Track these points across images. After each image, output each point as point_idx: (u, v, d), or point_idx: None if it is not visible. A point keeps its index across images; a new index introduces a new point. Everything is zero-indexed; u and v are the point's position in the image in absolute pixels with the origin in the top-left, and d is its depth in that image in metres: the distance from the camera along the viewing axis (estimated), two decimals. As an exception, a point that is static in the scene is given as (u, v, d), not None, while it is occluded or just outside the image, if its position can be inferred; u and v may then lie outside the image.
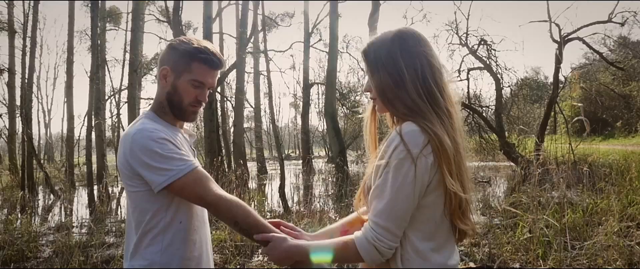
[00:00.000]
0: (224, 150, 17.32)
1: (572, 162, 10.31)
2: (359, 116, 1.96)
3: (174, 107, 1.96)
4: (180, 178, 1.77)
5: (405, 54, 1.62)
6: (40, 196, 14.79)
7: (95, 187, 13.48)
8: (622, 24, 17.77)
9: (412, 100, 1.59)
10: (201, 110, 2.05)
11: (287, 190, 11.33)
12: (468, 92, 19.84)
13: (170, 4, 16.47)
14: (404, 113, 1.60)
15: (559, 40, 17.72)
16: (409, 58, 1.61)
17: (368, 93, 1.74)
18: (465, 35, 19.44)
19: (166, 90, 1.96)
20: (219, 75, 2.06)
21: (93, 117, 14.23)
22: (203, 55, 1.91)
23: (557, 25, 17.93)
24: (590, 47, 18.37)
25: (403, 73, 1.60)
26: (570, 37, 17.65)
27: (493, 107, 19.69)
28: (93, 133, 15.12)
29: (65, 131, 25.50)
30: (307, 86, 23.50)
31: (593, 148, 16.90)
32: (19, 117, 19.20)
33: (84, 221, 9.85)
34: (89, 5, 22.58)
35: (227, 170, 14.20)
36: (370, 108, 1.83)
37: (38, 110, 42.22)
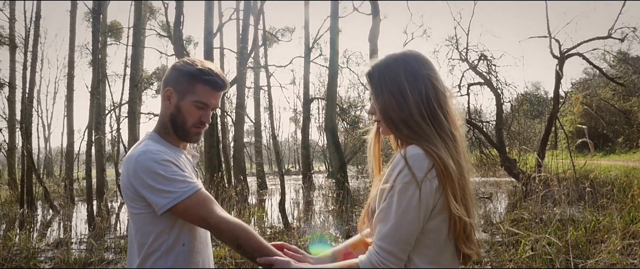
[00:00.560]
0: (224, 165, 17.29)
1: (574, 178, 10.28)
2: (364, 137, 1.95)
3: (177, 128, 1.96)
4: (183, 200, 1.77)
5: (410, 77, 1.62)
6: (39, 211, 14.73)
7: (95, 202, 13.43)
8: (622, 40, 17.81)
9: (416, 122, 1.59)
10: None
11: (287, 205, 11.27)
12: (468, 107, 19.85)
13: (172, 19, 16.56)
14: (408, 135, 1.60)
15: (559, 55, 17.75)
16: (413, 81, 1.62)
17: (372, 115, 1.74)
18: (465, 50, 19.49)
19: (170, 111, 1.96)
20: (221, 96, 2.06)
21: (93, 131, 14.22)
22: (207, 76, 1.92)
23: (557, 40, 17.96)
24: (591, 63, 18.40)
25: (407, 96, 1.60)
26: (570, 52, 17.67)
27: (493, 122, 19.68)
28: (93, 148, 15.10)
29: (65, 145, 25.50)
30: (307, 101, 23.52)
31: (594, 164, 16.86)
32: (19, 131, 19.19)
33: (83, 237, 9.80)
34: (90, 20, 22.73)
35: (227, 185, 14.15)
36: (374, 130, 1.83)
37: (38, 124, 42.28)
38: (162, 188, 1.75)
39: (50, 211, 14.41)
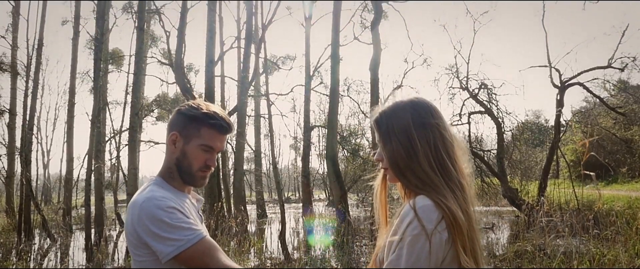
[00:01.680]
0: (223, 194, 17.18)
1: (577, 209, 10.20)
2: (369, 184, 1.92)
3: (183, 173, 1.95)
4: (188, 248, 1.75)
5: (418, 125, 1.61)
6: (37, 240, 14.58)
7: (93, 231, 13.29)
8: (622, 70, 17.91)
9: (424, 172, 1.57)
10: None
11: (287, 235, 11.16)
12: (469, 136, 19.86)
13: (173, 47, 16.66)
14: (416, 185, 1.58)
15: (559, 85, 17.84)
16: (421, 130, 1.60)
17: (379, 162, 1.72)
18: (465, 79, 19.60)
19: (175, 156, 1.95)
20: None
21: (93, 160, 14.16)
22: (212, 120, 1.92)
23: (557, 70, 18.09)
24: (591, 93, 18.47)
25: (416, 145, 1.59)
26: (570, 82, 17.77)
27: (495, 151, 19.67)
28: (92, 176, 15.01)
29: (64, 172, 25.38)
30: (307, 129, 23.52)
31: (596, 194, 16.77)
32: (19, 159, 19.11)
33: (81, 266, 9.66)
34: (92, 48, 22.86)
35: (227, 214, 14.04)
36: (380, 177, 1.81)
37: (37, 150, 42.18)
38: (166, 236, 1.73)
39: (48, 240, 14.26)
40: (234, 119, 19.88)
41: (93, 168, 14.76)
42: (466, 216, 1.53)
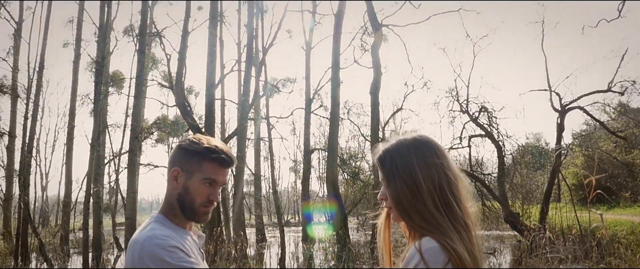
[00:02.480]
0: (222, 218, 17.04)
1: (580, 235, 10.09)
2: (373, 222, 1.89)
3: (185, 208, 1.93)
4: None
5: (422, 164, 1.59)
6: (34, 263, 14.42)
7: (91, 255, 13.15)
8: (622, 93, 17.92)
9: (429, 212, 1.55)
10: None
11: (286, 259, 11.03)
12: (470, 159, 19.80)
13: (174, 69, 16.68)
14: (421, 225, 1.56)
15: (559, 109, 17.83)
16: (426, 169, 1.59)
17: (383, 201, 1.70)
18: (466, 102, 19.59)
19: (177, 192, 1.93)
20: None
21: (92, 183, 14.07)
22: (214, 154, 1.91)
23: (557, 94, 18.09)
24: (592, 116, 18.47)
25: (420, 184, 1.57)
26: (570, 106, 17.77)
27: (495, 174, 19.57)
28: (91, 199, 14.91)
29: (62, 195, 25.24)
30: (307, 152, 23.48)
31: (597, 218, 16.63)
32: (17, 182, 19.00)
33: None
34: (93, 70, 22.93)
35: (226, 239, 13.90)
36: (384, 216, 1.78)
37: (36, 173, 42.01)
38: None
39: (45, 264, 14.10)
40: (233, 142, 19.83)
41: (92, 192, 14.67)
42: (472, 257, 1.50)
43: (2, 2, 23.19)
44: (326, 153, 19.52)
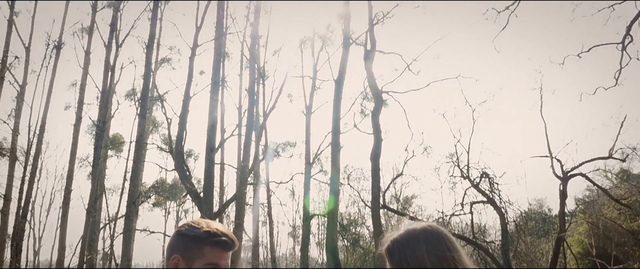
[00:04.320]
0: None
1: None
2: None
3: None
4: None
5: (433, 258, 1.53)
6: None
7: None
8: (624, 160, 17.92)
9: None
10: None
11: None
12: (472, 226, 19.48)
13: (174, 133, 16.67)
14: None
15: (561, 175, 17.72)
16: (436, 262, 1.53)
17: None
18: (466, 167, 19.49)
19: None
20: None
21: (86, 250, 13.71)
22: (215, 238, 1.85)
23: (559, 160, 18.06)
24: (594, 183, 18.38)
25: None
26: (572, 173, 17.69)
27: (499, 241, 19.21)
28: (84, 266, 14.51)
29: (54, 260, 24.61)
30: (307, 218, 23.10)
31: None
32: (9, 247, 18.55)
33: None
34: (93, 132, 22.93)
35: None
36: None
37: (29, 236, 41.22)
38: None
39: None
40: (232, 208, 19.53)
41: (85, 259, 14.28)
42: None
43: (8, 66, 23.52)
44: (325, 218, 19.17)
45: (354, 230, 27.19)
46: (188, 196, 17.01)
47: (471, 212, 19.60)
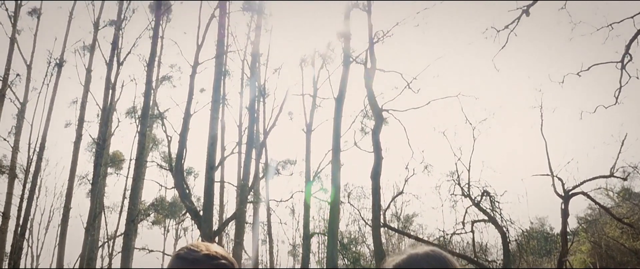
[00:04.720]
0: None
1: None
2: None
3: None
4: None
5: None
6: None
7: None
8: (625, 179, 17.85)
9: None
10: None
11: None
12: (473, 245, 19.33)
13: (174, 151, 16.63)
14: None
15: (563, 194, 17.63)
16: None
17: None
18: (467, 186, 19.39)
19: None
20: None
21: (83, 269, 13.59)
22: (215, 261, 1.80)
23: (560, 179, 17.98)
24: (596, 202, 18.29)
25: None
26: (574, 191, 17.60)
27: (500, 261, 19.05)
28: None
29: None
30: (307, 236, 22.94)
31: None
32: (7, 266, 18.39)
33: None
34: (93, 150, 22.88)
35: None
36: None
37: (27, 254, 40.90)
38: None
39: None
40: (231, 227, 19.39)
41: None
42: None
43: (9, 84, 23.57)
44: (325, 237, 19.05)
45: (354, 249, 26.97)
46: (187, 214, 16.90)
47: (472, 231, 19.45)
